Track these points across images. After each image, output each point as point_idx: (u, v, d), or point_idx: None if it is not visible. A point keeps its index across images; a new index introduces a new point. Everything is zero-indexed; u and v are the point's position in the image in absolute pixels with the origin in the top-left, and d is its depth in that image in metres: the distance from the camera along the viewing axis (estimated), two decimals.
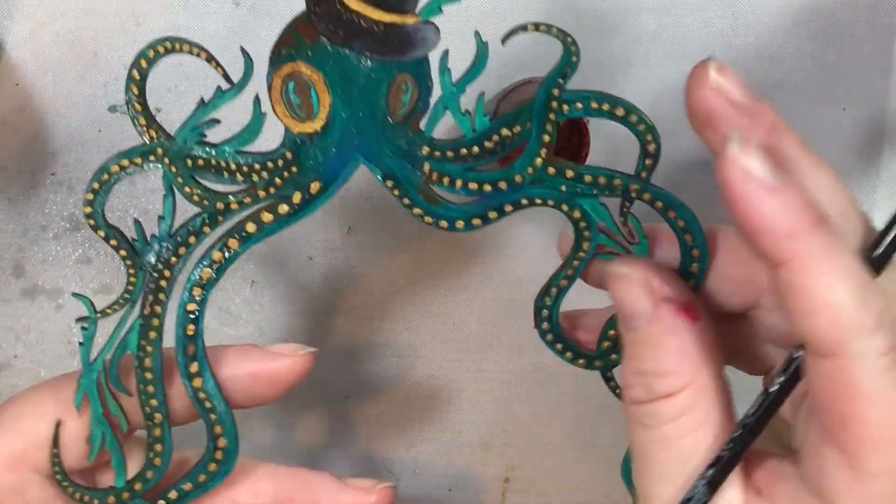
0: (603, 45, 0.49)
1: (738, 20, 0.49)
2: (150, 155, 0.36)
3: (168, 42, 0.36)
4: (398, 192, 0.36)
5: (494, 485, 0.55)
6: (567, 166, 0.36)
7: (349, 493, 0.40)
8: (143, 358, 0.37)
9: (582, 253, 0.37)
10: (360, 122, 0.35)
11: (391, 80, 0.35)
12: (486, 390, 0.54)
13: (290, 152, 0.36)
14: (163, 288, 0.37)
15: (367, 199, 0.51)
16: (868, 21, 0.49)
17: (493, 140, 0.36)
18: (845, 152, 0.51)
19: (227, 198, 0.37)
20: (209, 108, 0.36)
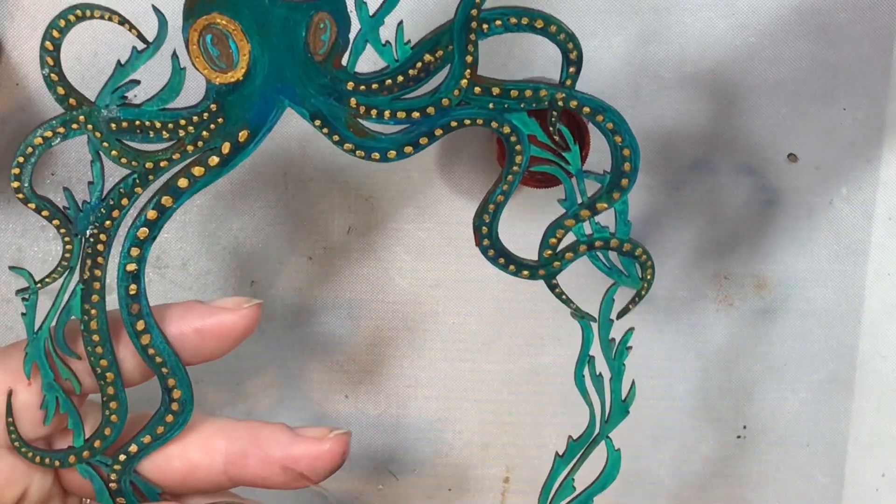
0: (602, 44, 0.49)
1: (738, 20, 0.49)
2: (73, 123, 0.37)
3: (79, 10, 0.36)
4: (327, 129, 0.37)
5: (494, 485, 0.55)
6: (492, 83, 0.36)
7: (302, 444, 0.40)
8: (89, 321, 0.38)
9: (516, 167, 0.38)
10: (282, 65, 0.35)
11: (308, 20, 0.35)
12: (486, 390, 0.54)
13: (215, 104, 0.36)
14: (100, 252, 0.37)
15: (367, 200, 0.51)
16: (868, 21, 0.49)
17: (417, 67, 0.36)
18: (845, 152, 0.51)
19: (155, 156, 0.37)
20: (127, 70, 0.36)
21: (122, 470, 0.40)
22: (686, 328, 0.53)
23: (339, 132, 0.37)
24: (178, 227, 0.51)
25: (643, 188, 0.51)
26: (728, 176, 0.51)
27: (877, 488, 0.54)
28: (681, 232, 0.52)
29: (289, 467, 0.40)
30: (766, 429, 0.54)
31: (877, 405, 0.54)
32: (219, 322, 0.39)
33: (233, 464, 0.40)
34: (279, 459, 0.40)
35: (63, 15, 0.36)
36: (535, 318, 0.53)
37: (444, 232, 0.52)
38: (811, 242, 0.52)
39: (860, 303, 0.52)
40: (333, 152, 0.51)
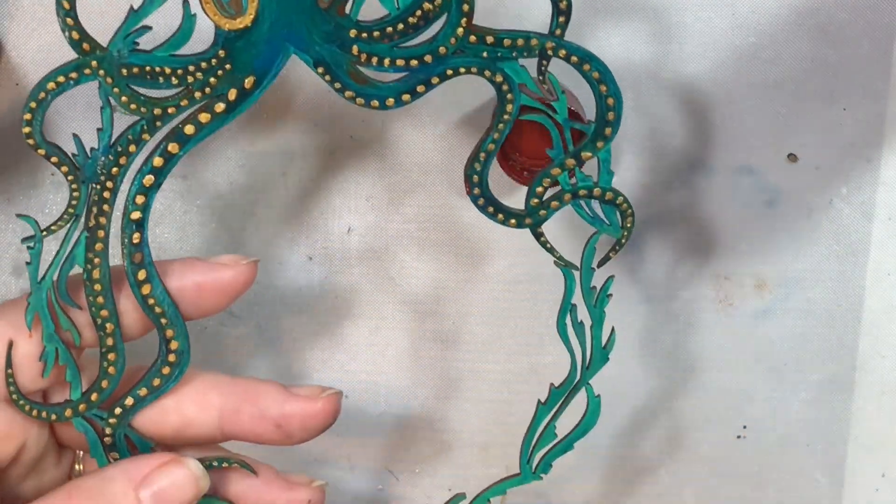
0: (602, 44, 0.49)
1: (738, 20, 0.49)
2: (85, 68, 0.37)
3: None
4: (329, 77, 0.37)
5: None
6: (487, 32, 0.37)
7: (295, 402, 0.41)
8: (91, 270, 0.38)
9: (506, 115, 0.38)
10: (288, 12, 0.36)
11: None
12: (486, 390, 0.54)
13: (223, 50, 0.37)
14: (106, 199, 0.38)
15: (367, 200, 0.51)
16: (868, 21, 0.49)
17: (416, 15, 0.37)
18: (845, 152, 0.51)
19: (164, 103, 0.37)
20: (140, 16, 0.37)
21: (117, 423, 0.40)
22: (686, 328, 0.53)
23: (340, 80, 0.37)
24: (178, 227, 0.51)
25: (643, 188, 0.51)
26: (728, 176, 0.51)
27: (877, 488, 0.54)
28: (681, 232, 0.52)
29: (282, 424, 0.41)
30: (766, 429, 0.54)
31: (877, 405, 0.54)
32: (217, 278, 0.40)
33: (227, 419, 0.41)
34: (273, 416, 0.41)
35: None
36: (535, 318, 0.53)
37: (445, 232, 0.52)
38: (811, 242, 0.52)
39: (860, 303, 0.52)
40: (333, 152, 0.51)
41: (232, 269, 0.41)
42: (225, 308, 0.41)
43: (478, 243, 0.52)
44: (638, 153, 0.51)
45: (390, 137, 0.51)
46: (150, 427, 0.41)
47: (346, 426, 0.54)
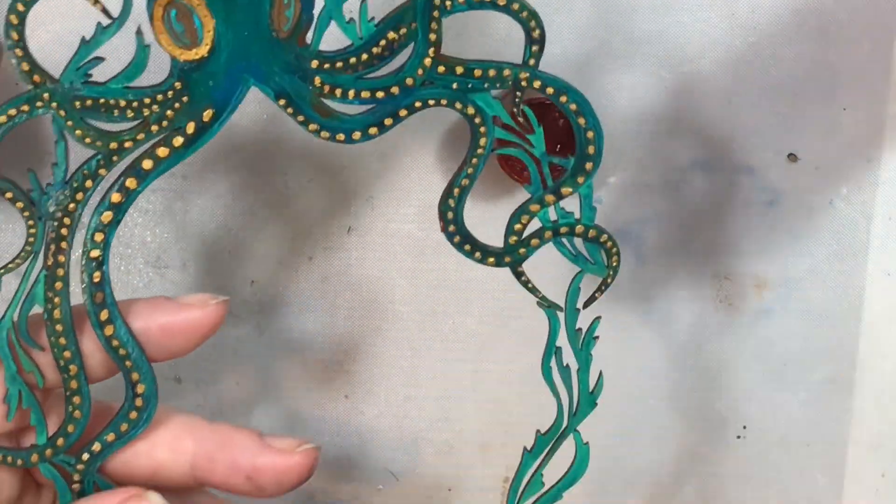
0: (602, 44, 0.49)
1: (738, 20, 0.49)
2: (37, 101, 0.36)
3: None
4: (291, 109, 0.36)
5: (494, 485, 0.55)
6: (456, 62, 0.36)
7: (269, 455, 0.39)
8: (52, 310, 0.37)
9: (480, 149, 0.37)
10: (246, 42, 0.35)
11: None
12: (486, 390, 0.54)
13: (179, 82, 0.36)
14: (64, 236, 0.37)
15: (367, 200, 0.51)
16: (868, 21, 0.49)
17: (381, 45, 0.36)
18: (845, 152, 0.51)
19: (120, 136, 0.36)
20: (91, 47, 0.35)
21: (85, 470, 0.39)
22: (686, 328, 0.53)
23: (303, 112, 0.36)
24: (178, 227, 0.51)
25: (643, 188, 0.51)
26: (728, 176, 0.51)
27: (877, 488, 0.54)
28: (681, 232, 0.52)
29: (253, 477, 0.39)
30: (766, 429, 0.54)
31: (877, 405, 0.54)
32: (185, 319, 0.39)
33: (199, 466, 0.40)
34: (245, 468, 0.39)
35: None
36: (535, 318, 0.53)
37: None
38: (811, 242, 0.52)
39: (860, 303, 0.52)
40: (333, 152, 0.51)
41: (200, 309, 0.39)
42: (192, 350, 0.39)
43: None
44: (638, 153, 0.51)
45: (390, 137, 0.51)
46: (121, 470, 0.40)
47: (347, 426, 0.54)
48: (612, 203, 0.51)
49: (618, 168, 0.51)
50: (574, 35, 0.50)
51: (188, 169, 0.51)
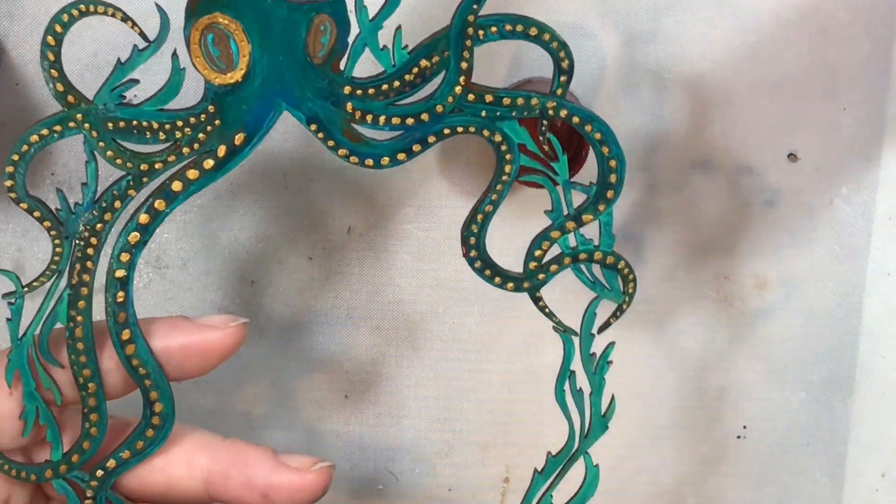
0: (601, 43, 0.49)
1: (737, 20, 0.49)
2: (70, 121, 0.36)
3: (82, 5, 0.36)
4: (322, 134, 0.37)
5: (494, 485, 0.55)
6: (486, 91, 0.36)
7: (284, 473, 0.39)
8: (74, 328, 0.37)
9: (505, 176, 0.38)
10: (281, 67, 0.35)
11: (309, 22, 0.35)
12: (486, 390, 0.54)
13: (213, 105, 0.36)
14: (90, 256, 0.37)
15: (367, 200, 0.51)
16: (868, 21, 0.49)
17: (413, 72, 0.36)
18: (845, 152, 0.51)
19: (150, 158, 0.36)
20: (126, 69, 0.36)
21: (98, 486, 0.39)
22: (686, 328, 0.53)
23: (334, 137, 0.37)
24: (179, 227, 0.51)
25: (643, 188, 0.51)
26: (728, 176, 0.51)
27: (877, 488, 0.54)
28: (681, 232, 0.52)
29: (269, 495, 0.39)
30: (766, 429, 0.54)
31: (877, 405, 0.54)
32: (204, 339, 0.39)
33: (213, 483, 0.40)
34: (260, 486, 0.39)
35: (66, 10, 0.35)
36: (535, 318, 0.53)
37: (445, 232, 0.52)
38: (811, 242, 0.52)
39: (860, 303, 0.52)
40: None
41: (219, 331, 0.39)
42: (211, 370, 0.40)
43: None
44: (638, 153, 0.51)
45: None
46: (135, 486, 0.40)
47: (346, 425, 0.54)
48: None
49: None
50: (574, 34, 0.50)
51: None
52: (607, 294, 0.39)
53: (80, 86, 0.51)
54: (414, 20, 0.47)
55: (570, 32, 0.49)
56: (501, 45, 0.49)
